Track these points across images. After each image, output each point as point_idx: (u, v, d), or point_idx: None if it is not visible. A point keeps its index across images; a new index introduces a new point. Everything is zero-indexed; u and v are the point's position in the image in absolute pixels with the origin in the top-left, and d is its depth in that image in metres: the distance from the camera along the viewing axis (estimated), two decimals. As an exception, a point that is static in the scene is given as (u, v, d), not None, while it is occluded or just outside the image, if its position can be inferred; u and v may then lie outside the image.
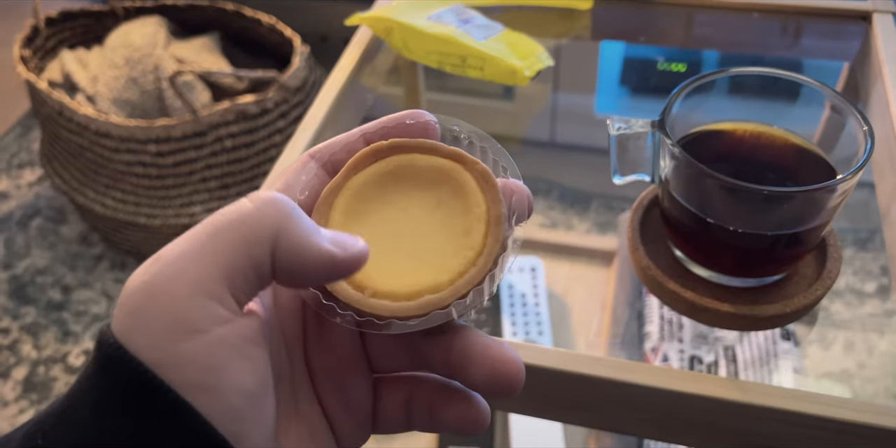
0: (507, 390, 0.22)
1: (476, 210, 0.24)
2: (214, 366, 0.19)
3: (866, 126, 0.37)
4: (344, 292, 0.23)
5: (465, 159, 0.24)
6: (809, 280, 0.41)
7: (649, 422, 0.40)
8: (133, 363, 0.19)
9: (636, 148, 0.40)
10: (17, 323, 1.07)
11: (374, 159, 0.25)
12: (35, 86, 1.01)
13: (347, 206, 0.24)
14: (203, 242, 0.20)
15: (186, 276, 0.19)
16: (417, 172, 0.25)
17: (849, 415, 0.35)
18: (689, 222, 0.40)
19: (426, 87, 0.71)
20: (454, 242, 0.24)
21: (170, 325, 0.19)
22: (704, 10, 0.64)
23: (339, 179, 0.25)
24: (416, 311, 0.23)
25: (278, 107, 1.01)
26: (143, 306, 0.19)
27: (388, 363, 0.25)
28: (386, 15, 0.59)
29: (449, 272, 0.23)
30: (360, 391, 0.24)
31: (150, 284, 0.19)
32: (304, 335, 0.24)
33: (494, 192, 0.24)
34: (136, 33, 1.12)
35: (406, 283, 0.23)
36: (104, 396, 0.19)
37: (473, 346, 0.23)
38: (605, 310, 0.72)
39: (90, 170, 1.04)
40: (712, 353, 0.66)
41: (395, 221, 0.24)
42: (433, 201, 0.24)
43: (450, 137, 0.26)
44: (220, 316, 0.20)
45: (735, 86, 0.42)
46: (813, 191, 0.36)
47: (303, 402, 0.24)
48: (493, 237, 0.23)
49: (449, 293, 0.23)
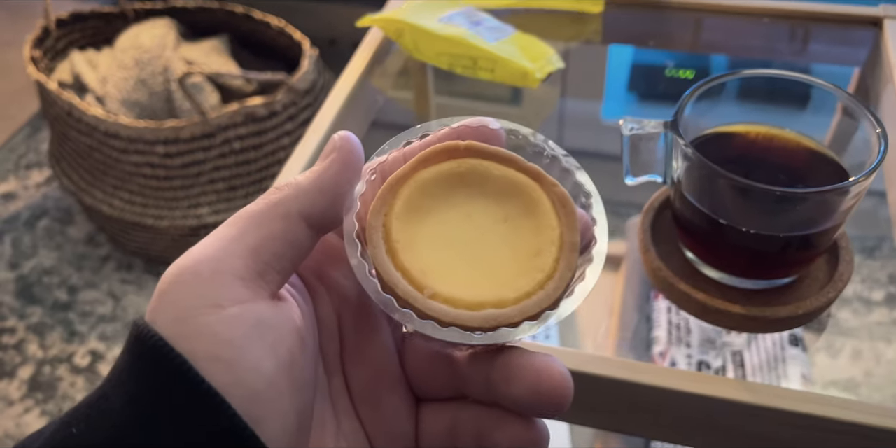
0: (553, 408, 0.21)
1: (549, 233, 0.23)
2: (231, 340, 0.19)
3: (880, 128, 0.37)
4: (402, 287, 0.22)
5: (543, 178, 0.23)
6: (821, 283, 0.41)
7: (657, 423, 0.40)
8: (153, 339, 0.19)
9: (648, 149, 0.40)
10: (23, 322, 1.08)
11: (446, 157, 0.24)
12: (45, 86, 1.01)
13: (411, 199, 0.23)
14: (228, 229, 0.21)
15: (211, 258, 0.20)
16: (489, 181, 0.24)
17: (857, 417, 0.35)
18: (701, 223, 0.40)
19: (435, 91, 0.71)
20: (522, 261, 0.23)
21: (191, 301, 0.20)
22: (715, 14, 0.64)
23: (408, 169, 0.23)
24: (481, 323, 0.21)
25: (287, 109, 1.02)
26: (169, 289, 0.20)
27: (426, 386, 0.24)
28: (397, 17, 0.59)
29: (515, 290, 0.22)
30: (398, 411, 0.24)
31: (177, 270, 0.20)
32: (342, 350, 0.24)
33: (571, 219, 0.23)
34: (145, 35, 1.12)
35: (468, 293, 0.22)
36: (133, 381, 0.19)
37: (517, 360, 0.21)
38: (612, 314, 0.72)
39: (98, 170, 1.04)
40: (720, 358, 0.66)
41: (458, 226, 0.23)
42: (500, 214, 0.23)
43: (530, 152, 0.25)
44: (240, 294, 0.20)
45: (747, 88, 0.42)
46: (826, 192, 0.36)
47: (343, 418, 0.23)
48: (566, 263, 0.22)
49: (516, 312, 0.22)
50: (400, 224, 0.23)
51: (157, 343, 0.19)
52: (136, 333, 0.20)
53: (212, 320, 0.19)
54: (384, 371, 0.24)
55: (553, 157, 0.25)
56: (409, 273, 0.22)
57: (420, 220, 0.23)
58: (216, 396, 0.19)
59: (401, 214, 0.23)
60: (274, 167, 1.05)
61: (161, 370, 0.19)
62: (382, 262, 0.22)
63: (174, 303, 0.20)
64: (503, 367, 0.22)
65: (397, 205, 0.23)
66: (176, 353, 0.19)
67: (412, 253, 0.22)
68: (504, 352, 0.22)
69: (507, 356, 0.22)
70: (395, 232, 0.23)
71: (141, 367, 0.19)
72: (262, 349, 0.20)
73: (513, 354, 0.22)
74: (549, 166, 0.25)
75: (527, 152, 0.25)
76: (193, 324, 0.19)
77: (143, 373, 0.19)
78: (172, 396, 0.19)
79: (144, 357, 0.19)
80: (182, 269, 0.20)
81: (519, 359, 0.21)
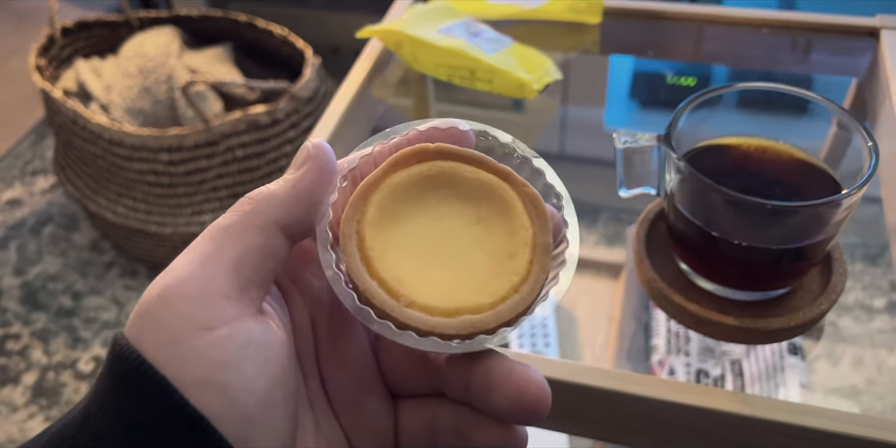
0: (532, 417, 0.21)
1: (522, 234, 0.23)
2: (223, 362, 0.19)
3: (871, 142, 0.37)
4: (379, 298, 0.22)
5: (513, 179, 0.23)
6: (814, 294, 0.41)
7: (654, 434, 0.40)
8: (137, 361, 0.19)
9: (642, 161, 0.41)
10: (27, 328, 1.08)
11: (416, 160, 0.23)
12: (50, 94, 1.02)
13: (383, 204, 0.23)
14: (206, 245, 0.21)
15: (194, 277, 0.20)
16: (460, 183, 0.23)
17: (855, 430, 0.35)
18: (694, 236, 0.40)
19: (436, 99, 0.72)
20: (496, 264, 0.23)
21: (179, 323, 0.19)
22: (714, 25, 0.65)
23: (378, 175, 0.23)
24: (458, 331, 0.22)
25: (289, 117, 1.02)
26: (154, 310, 0.20)
27: (403, 384, 0.24)
28: (396, 28, 0.60)
29: (490, 295, 0.22)
30: (376, 410, 0.24)
31: (161, 289, 0.20)
32: (317, 352, 0.24)
33: (543, 220, 0.23)
34: (149, 43, 1.13)
35: (443, 299, 0.22)
36: (118, 403, 0.19)
37: (496, 369, 0.22)
38: (612, 322, 0.72)
39: (103, 178, 1.05)
40: (719, 366, 0.66)
41: (431, 229, 0.23)
42: (473, 216, 0.23)
43: (500, 153, 0.25)
44: (228, 314, 0.20)
45: (741, 101, 0.43)
46: (817, 205, 0.36)
47: (322, 419, 0.23)
48: (540, 265, 0.22)
49: (491, 317, 0.22)
50: (373, 231, 0.23)
51: (139, 366, 0.19)
52: (119, 353, 0.20)
53: (202, 343, 0.19)
54: (360, 371, 0.24)
55: (524, 158, 0.25)
56: (384, 282, 0.22)
57: (393, 226, 0.23)
58: (201, 420, 0.19)
59: (374, 221, 0.23)
60: (276, 174, 1.05)
61: (145, 393, 0.19)
62: (358, 272, 0.22)
63: (162, 325, 0.19)
64: (482, 376, 0.22)
65: (369, 212, 0.23)
66: (159, 376, 0.19)
67: (387, 261, 0.22)
68: (482, 358, 0.22)
69: (485, 365, 0.22)
70: (369, 240, 0.22)
71: (125, 388, 0.19)
72: (254, 369, 0.20)
73: (491, 363, 0.22)
74: (520, 167, 0.25)
75: (497, 154, 0.25)
76: (183, 347, 0.19)
77: (126, 396, 0.19)
78: (157, 421, 0.19)
79: (128, 379, 0.19)
80: (166, 289, 0.20)
81: (498, 368, 0.21)
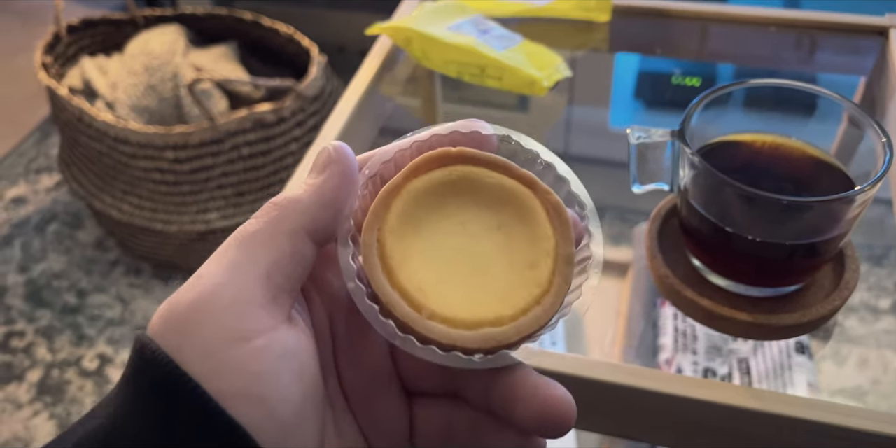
0: (556, 432, 0.21)
1: (544, 244, 0.22)
2: (260, 373, 0.19)
3: (885, 137, 0.37)
4: (401, 310, 0.22)
5: (536, 186, 0.23)
6: (827, 291, 0.41)
7: (663, 429, 0.40)
8: (174, 371, 0.19)
9: (655, 157, 0.41)
10: (32, 326, 1.08)
11: (438, 165, 0.23)
12: (55, 92, 1.02)
13: (405, 211, 0.23)
14: (236, 253, 0.21)
15: (227, 286, 0.20)
16: (482, 188, 0.23)
17: (865, 424, 0.35)
18: (707, 231, 0.40)
19: (443, 98, 0.72)
20: (518, 274, 0.22)
21: (215, 334, 0.19)
22: (721, 23, 0.65)
23: (399, 180, 0.23)
24: (479, 345, 0.21)
25: (295, 115, 1.02)
26: (190, 318, 0.20)
27: (419, 383, 0.24)
28: (406, 25, 0.60)
29: (511, 306, 0.22)
30: (393, 410, 0.24)
31: (194, 298, 0.20)
32: (335, 351, 0.24)
33: (566, 229, 0.23)
34: (155, 41, 1.13)
35: (465, 310, 0.22)
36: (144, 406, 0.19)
37: (522, 385, 0.21)
38: (619, 321, 0.72)
39: (108, 175, 1.05)
40: (726, 365, 0.66)
41: (452, 236, 0.23)
42: (494, 222, 0.23)
43: (523, 159, 0.24)
44: (264, 324, 0.20)
45: (753, 97, 0.43)
46: (831, 201, 0.36)
47: (341, 419, 0.23)
48: (562, 277, 0.22)
49: (513, 330, 0.21)
50: (394, 238, 0.22)
51: (175, 376, 0.19)
52: (152, 359, 0.19)
53: (239, 354, 0.19)
54: (377, 371, 0.24)
55: (548, 164, 0.24)
56: (406, 292, 0.22)
57: (414, 232, 0.23)
58: (239, 429, 0.19)
59: (394, 228, 0.22)
60: (282, 173, 1.05)
61: (179, 401, 0.19)
62: (380, 283, 0.22)
63: (197, 335, 0.19)
64: (507, 389, 0.21)
65: (390, 219, 0.22)
66: (194, 384, 0.19)
67: (408, 269, 0.22)
68: (506, 371, 0.22)
69: (510, 378, 0.21)
70: (390, 248, 0.22)
71: (157, 395, 0.19)
72: (290, 378, 0.20)
73: (516, 377, 0.21)
74: (544, 173, 0.24)
75: (520, 159, 0.24)
76: (220, 358, 0.19)
77: (159, 403, 0.19)
78: (193, 429, 0.19)
79: (163, 387, 0.19)
80: (199, 299, 0.20)
81: (523, 383, 0.21)
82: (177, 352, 0.19)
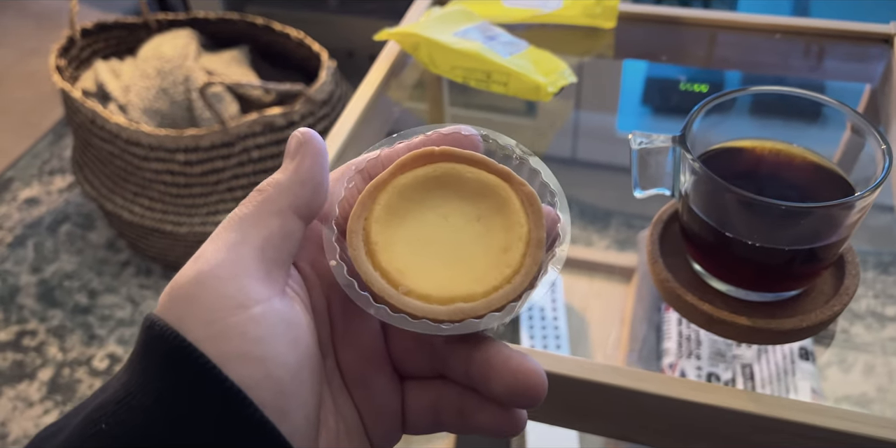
0: (529, 401, 0.23)
1: (518, 230, 0.24)
2: (260, 337, 0.21)
3: (885, 145, 0.38)
4: (378, 285, 0.24)
5: (512, 179, 0.25)
6: (827, 296, 0.42)
7: (665, 432, 0.40)
8: (178, 340, 0.20)
9: (657, 162, 0.41)
10: (43, 325, 1.09)
11: (423, 162, 0.25)
12: (69, 94, 1.04)
13: (390, 203, 0.25)
14: (230, 234, 0.23)
15: (225, 262, 0.22)
16: (463, 183, 0.25)
17: (866, 430, 0.35)
18: (708, 236, 0.40)
19: (450, 103, 0.73)
20: (492, 257, 0.24)
21: (217, 303, 0.21)
22: (727, 30, 0.65)
23: (386, 176, 0.25)
24: (448, 316, 0.23)
25: (304, 119, 1.03)
26: (192, 291, 0.21)
27: (409, 366, 0.26)
28: (413, 31, 0.60)
29: (484, 285, 0.24)
30: (385, 389, 0.25)
31: (195, 273, 0.22)
32: (332, 333, 0.26)
33: (538, 216, 0.24)
34: (167, 45, 1.14)
35: (440, 288, 0.24)
36: (160, 380, 0.21)
37: (495, 357, 0.23)
38: (623, 325, 0.72)
39: (119, 177, 1.06)
40: (730, 370, 0.66)
41: (434, 226, 0.25)
42: (474, 213, 0.25)
43: (500, 155, 0.26)
44: (260, 294, 0.22)
45: (756, 104, 0.43)
46: (831, 207, 0.37)
47: (338, 397, 0.25)
48: (532, 258, 0.24)
49: (482, 305, 0.23)
50: (379, 227, 0.24)
51: (180, 344, 0.20)
52: (159, 333, 0.21)
53: (239, 320, 0.21)
54: (371, 352, 0.25)
55: (522, 159, 0.26)
56: (386, 273, 0.24)
57: (399, 223, 0.25)
58: (239, 393, 0.20)
59: (380, 218, 0.24)
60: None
61: (187, 370, 0.20)
62: (362, 262, 0.24)
63: (200, 305, 0.21)
64: (482, 363, 0.23)
65: (376, 209, 0.25)
66: (199, 353, 0.20)
67: (390, 253, 0.24)
68: (480, 347, 0.24)
69: (485, 352, 0.23)
70: (374, 234, 0.24)
71: (166, 366, 0.21)
72: (287, 345, 0.22)
73: (490, 351, 0.23)
74: (519, 167, 0.26)
75: (498, 155, 0.26)
76: (223, 325, 0.21)
77: (168, 372, 0.21)
78: (199, 394, 0.20)
79: (169, 356, 0.21)
80: (200, 273, 0.22)
81: (497, 356, 0.23)
82: (179, 322, 0.21)
